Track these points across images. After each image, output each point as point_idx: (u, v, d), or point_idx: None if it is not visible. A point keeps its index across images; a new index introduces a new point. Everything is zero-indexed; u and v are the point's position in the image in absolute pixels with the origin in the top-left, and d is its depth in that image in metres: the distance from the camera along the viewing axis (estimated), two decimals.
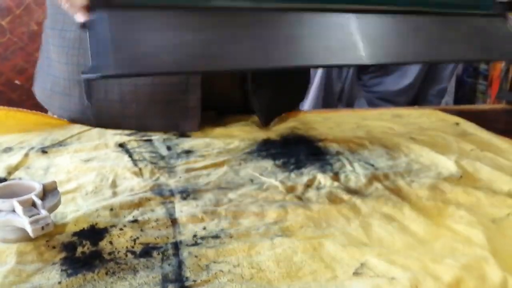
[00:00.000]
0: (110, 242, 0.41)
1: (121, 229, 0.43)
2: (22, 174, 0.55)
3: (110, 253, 0.39)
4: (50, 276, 0.36)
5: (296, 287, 0.36)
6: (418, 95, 1.87)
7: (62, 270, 0.37)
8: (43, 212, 0.39)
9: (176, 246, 0.41)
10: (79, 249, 0.40)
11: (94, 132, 0.71)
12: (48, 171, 0.56)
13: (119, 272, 0.37)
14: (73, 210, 0.46)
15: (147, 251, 0.40)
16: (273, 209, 0.47)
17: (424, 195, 0.51)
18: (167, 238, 0.42)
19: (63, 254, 0.39)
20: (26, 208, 0.39)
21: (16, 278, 0.35)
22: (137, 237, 0.42)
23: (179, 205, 0.48)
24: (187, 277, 0.36)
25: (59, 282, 0.35)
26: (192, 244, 0.41)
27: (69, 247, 0.40)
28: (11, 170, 0.56)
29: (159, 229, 0.43)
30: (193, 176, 0.56)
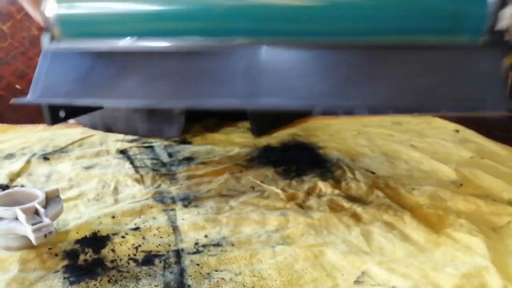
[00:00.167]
0: (112, 250, 0.41)
1: (123, 236, 0.43)
2: (24, 181, 0.56)
3: (112, 261, 0.39)
4: (53, 284, 0.36)
5: None
6: None
7: (64, 278, 0.37)
8: (46, 220, 0.39)
9: (178, 254, 0.41)
10: (82, 257, 0.40)
11: (96, 139, 0.72)
12: (50, 178, 0.57)
13: (122, 280, 0.37)
14: (75, 217, 0.47)
15: (149, 259, 0.40)
16: (274, 216, 0.47)
17: (424, 203, 0.51)
18: (169, 245, 0.42)
19: (65, 262, 0.39)
20: (28, 216, 0.39)
21: (19, 286, 0.36)
22: (139, 245, 0.42)
23: (180, 212, 0.48)
24: (189, 285, 0.36)
25: None
26: (194, 252, 0.41)
27: (71, 255, 0.40)
28: (13, 177, 0.57)
29: (161, 237, 0.43)
30: (194, 183, 0.56)
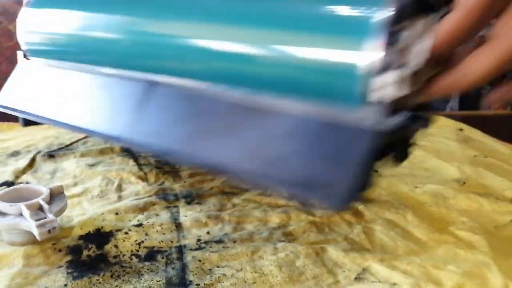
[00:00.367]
0: (115, 246, 0.41)
1: (126, 233, 0.43)
2: (29, 178, 0.56)
3: (115, 257, 0.40)
4: (56, 279, 0.37)
5: None
6: None
7: (68, 273, 0.37)
8: (50, 216, 0.40)
9: (180, 250, 0.41)
10: (85, 252, 0.40)
11: None
12: (55, 175, 0.57)
13: (124, 275, 0.37)
14: (79, 213, 0.47)
15: (151, 254, 0.40)
16: (276, 214, 0.48)
17: (427, 201, 0.51)
18: (171, 242, 0.42)
19: (69, 257, 0.39)
20: (33, 212, 0.40)
21: (23, 281, 0.36)
22: (142, 241, 0.42)
23: (183, 209, 0.49)
24: (191, 281, 0.37)
25: (65, 285, 0.36)
26: (196, 249, 0.41)
27: (75, 250, 0.40)
28: (19, 174, 0.57)
29: (164, 233, 0.44)
30: (197, 180, 0.56)
